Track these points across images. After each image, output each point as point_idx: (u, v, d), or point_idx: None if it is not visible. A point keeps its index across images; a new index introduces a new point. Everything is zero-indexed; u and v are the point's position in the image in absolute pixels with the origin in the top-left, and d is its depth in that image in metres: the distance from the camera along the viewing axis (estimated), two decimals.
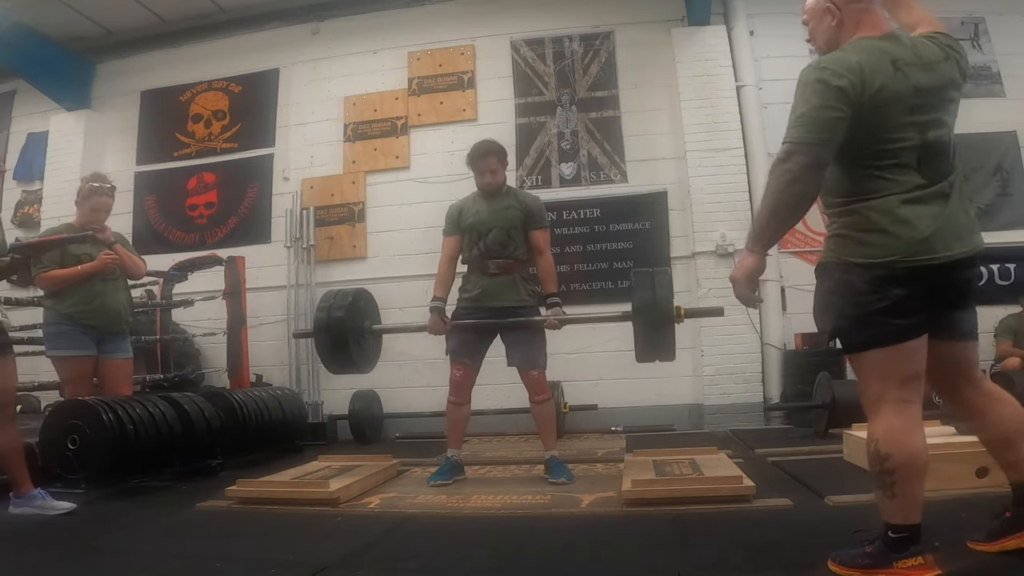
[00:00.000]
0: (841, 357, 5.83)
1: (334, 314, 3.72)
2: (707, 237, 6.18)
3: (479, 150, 3.83)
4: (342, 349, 3.74)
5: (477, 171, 3.82)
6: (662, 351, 3.55)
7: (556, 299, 3.75)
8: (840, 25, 2.13)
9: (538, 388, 3.73)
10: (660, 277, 3.56)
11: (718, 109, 6.33)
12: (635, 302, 3.54)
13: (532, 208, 3.80)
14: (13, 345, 3.37)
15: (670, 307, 3.46)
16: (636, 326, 3.53)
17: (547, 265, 3.81)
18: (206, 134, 7.41)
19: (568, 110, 6.73)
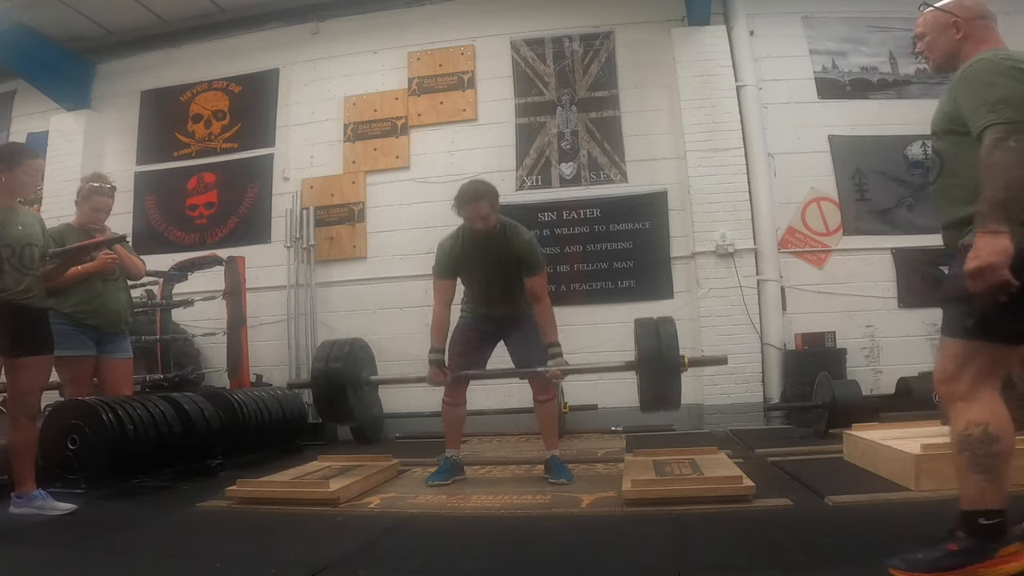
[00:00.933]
0: (841, 357, 5.87)
1: (331, 365, 3.61)
2: (707, 237, 6.18)
3: (468, 194, 3.51)
4: (340, 401, 3.65)
5: (466, 217, 3.54)
6: (667, 402, 3.47)
7: (557, 348, 3.60)
8: (964, 39, 2.19)
9: (541, 387, 3.72)
10: (664, 326, 3.48)
11: (718, 109, 6.33)
12: (640, 352, 3.45)
13: (524, 254, 3.61)
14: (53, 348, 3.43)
15: (676, 357, 3.39)
16: (641, 377, 3.46)
17: (545, 312, 3.62)
18: (206, 134, 7.41)
19: (568, 110, 6.73)
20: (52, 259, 3.46)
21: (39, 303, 3.36)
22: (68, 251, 3.60)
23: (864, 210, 6.32)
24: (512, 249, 3.61)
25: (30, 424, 3.29)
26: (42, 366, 3.37)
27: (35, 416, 3.36)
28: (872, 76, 6.55)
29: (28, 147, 3.99)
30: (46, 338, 3.38)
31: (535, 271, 3.62)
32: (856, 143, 6.38)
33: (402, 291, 6.54)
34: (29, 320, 3.28)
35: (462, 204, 3.51)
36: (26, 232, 3.34)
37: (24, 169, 3.38)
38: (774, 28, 6.60)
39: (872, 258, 6.24)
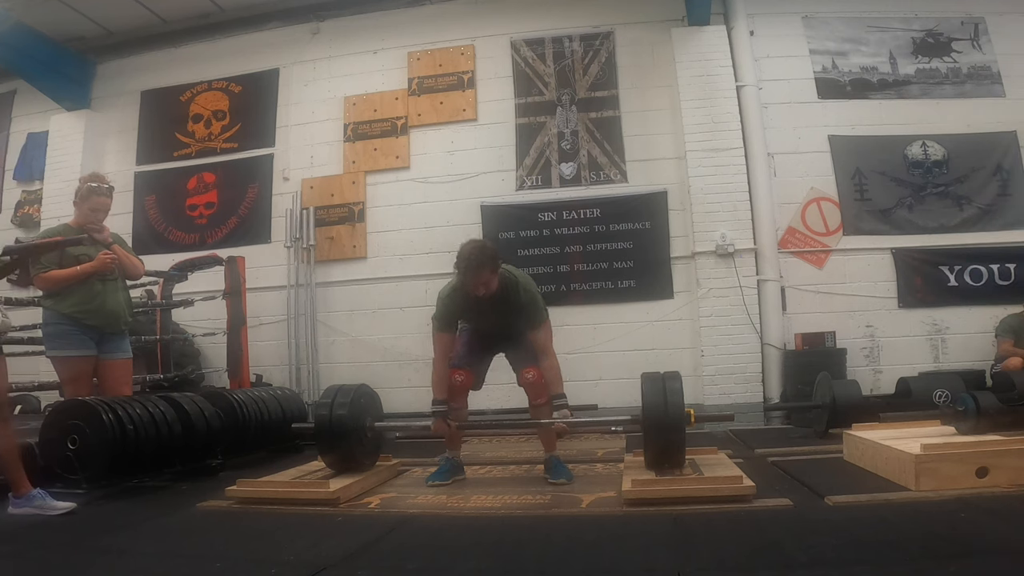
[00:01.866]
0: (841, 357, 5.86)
1: (336, 412, 3.54)
2: (707, 237, 6.18)
3: (470, 263, 3.37)
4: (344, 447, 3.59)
5: (468, 285, 3.43)
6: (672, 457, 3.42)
7: (563, 399, 3.56)
8: None
9: (536, 391, 3.70)
10: (671, 383, 3.43)
11: (718, 109, 6.33)
12: (645, 408, 3.39)
13: (526, 307, 3.55)
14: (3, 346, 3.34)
15: (681, 413, 3.35)
16: (646, 433, 3.42)
17: (551, 366, 3.57)
18: (206, 134, 7.41)
19: (568, 110, 6.73)
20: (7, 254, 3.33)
21: None
22: (22, 249, 3.53)
23: (864, 210, 6.32)
24: (512, 304, 3.56)
25: (4, 427, 3.20)
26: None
27: (8, 419, 3.27)
28: (872, 76, 6.55)
29: None
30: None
31: (537, 324, 3.59)
32: (856, 143, 6.38)
33: (402, 291, 6.54)
34: None
35: (466, 272, 3.40)
36: None
37: None
38: (774, 28, 6.61)
39: (872, 258, 6.24)
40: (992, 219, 6.22)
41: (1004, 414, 3.28)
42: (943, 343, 6.10)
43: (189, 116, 7.48)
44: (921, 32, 6.58)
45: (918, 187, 6.30)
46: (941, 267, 6.15)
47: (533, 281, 3.73)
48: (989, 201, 6.25)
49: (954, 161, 6.32)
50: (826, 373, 4.76)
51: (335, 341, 6.79)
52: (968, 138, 6.34)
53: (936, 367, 5.95)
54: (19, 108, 7.95)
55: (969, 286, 6.12)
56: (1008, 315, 5.72)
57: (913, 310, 6.15)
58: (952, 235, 6.21)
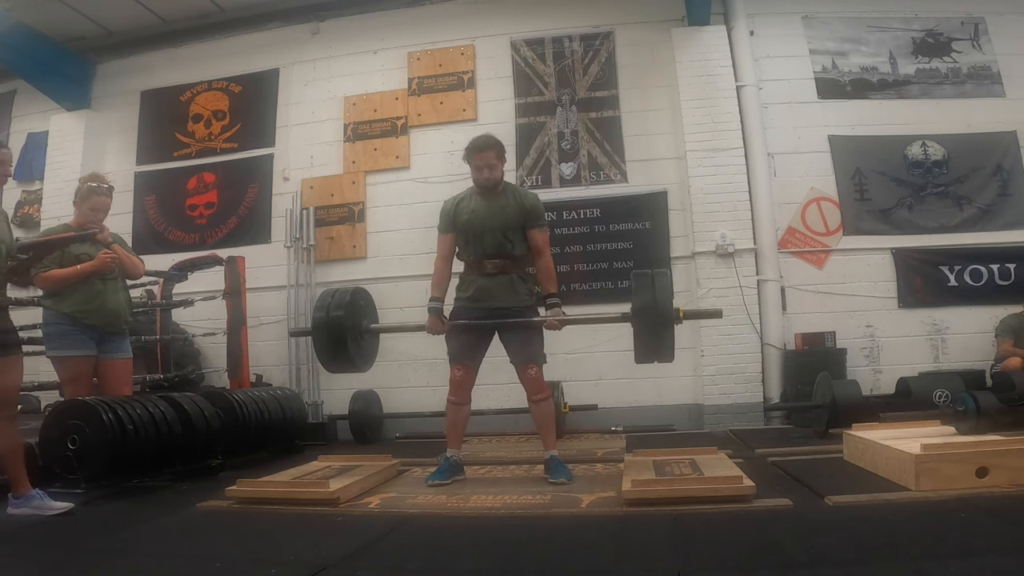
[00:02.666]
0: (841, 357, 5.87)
1: (332, 313, 3.69)
2: (707, 237, 6.18)
3: (477, 143, 3.74)
4: (340, 348, 3.72)
5: (474, 165, 3.74)
6: (661, 352, 3.55)
7: (556, 299, 3.72)
8: None
9: (536, 387, 3.71)
10: (660, 279, 3.54)
11: (718, 109, 6.33)
12: (635, 303, 3.52)
13: (530, 207, 3.74)
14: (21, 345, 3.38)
15: (670, 308, 3.45)
16: (636, 327, 3.52)
17: (546, 266, 3.76)
18: (206, 134, 7.41)
19: (568, 110, 6.73)
20: (21, 252, 3.38)
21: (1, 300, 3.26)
22: (35, 245, 3.55)
23: (864, 210, 6.32)
24: (518, 199, 3.75)
25: (10, 426, 3.24)
26: (12, 366, 3.26)
27: (13, 417, 3.30)
28: (872, 76, 6.55)
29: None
30: (13, 338, 3.28)
31: (540, 223, 3.77)
32: (856, 143, 6.38)
33: (402, 291, 6.52)
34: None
35: (473, 152, 3.71)
36: None
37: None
38: (774, 28, 6.60)
39: (872, 258, 6.24)
40: (992, 219, 6.22)
41: (1004, 414, 3.28)
42: (943, 343, 6.10)
43: (189, 116, 7.47)
44: (921, 32, 6.58)
45: (918, 187, 6.30)
46: (941, 267, 6.15)
47: None
48: (989, 201, 6.25)
49: (954, 161, 6.31)
50: (826, 373, 4.76)
51: None
52: (968, 138, 6.34)
53: (936, 367, 5.95)
54: (19, 108, 7.94)
55: (969, 286, 6.12)
56: (1008, 315, 5.72)
57: (913, 310, 6.15)
58: (952, 235, 6.21)
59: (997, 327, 5.71)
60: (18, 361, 3.31)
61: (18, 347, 3.33)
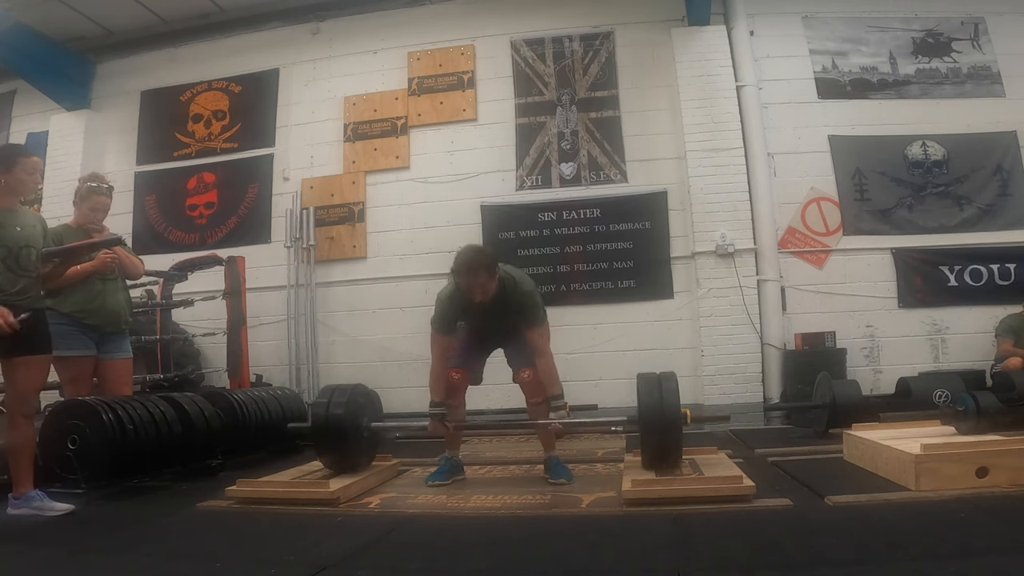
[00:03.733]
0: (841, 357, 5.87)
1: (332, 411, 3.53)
2: (707, 237, 6.18)
3: (467, 265, 3.38)
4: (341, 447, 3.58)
5: (464, 287, 3.44)
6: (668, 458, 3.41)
7: (560, 401, 3.57)
8: None
9: (533, 390, 3.69)
10: (667, 383, 3.42)
11: (718, 109, 6.33)
12: (641, 408, 3.38)
13: (524, 308, 3.55)
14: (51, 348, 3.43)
15: (677, 413, 3.34)
16: (642, 433, 3.41)
17: (546, 367, 3.56)
18: (206, 134, 7.41)
19: (568, 110, 6.73)
20: (49, 259, 3.44)
21: (36, 303, 3.33)
22: (64, 251, 3.58)
23: (864, 210, 6.32)
24: (512, 303, 3.55)
25: (28, 424, 3.28)
26: (40, 365, 3.35)
27: (33, 416, 3.35)
28: (872, 76, 6.55)
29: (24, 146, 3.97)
30: (44, 338, 3.36)
31: (536, 323, 3.57)
32: (856, 143, 6.38)
33: (402, 291, 6.53)
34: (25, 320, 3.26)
35: (461, 275, 3.41)
36: (24, 234, 3.32)
37: (22, 168, 3.37)
38: (774, 28, 6.61)
39: (872, 258, 6.24)
40: (992, 219, 6.23)
41: (1004, 414, 3.28)
42: (943, 343, 6.10)
43: (189, 116, 7.48)
44: (921, 32, 6.58)
45: (918, 187, 6.30)
46: (941, 267, 6.15)
47: (532, 281, 3.73)
48: (989, 201, 6.25)
49: (954, 161, 6.32)
50: (826, 373, 4.76)
51: (335, 341, 6.79)
52: (968, 138, 6.34)
53: (936, 367, 5.95)
54: (19, 108, 7.95)
55: (969, 286, 6.12)
56: (1008, 315, 5.72)
57: (913, 310, 6.16)
58: (952, 235, 6.21)
59: (997, 327, 5.71)
60: (43, 361, 3.38)
61: (46, 348, 3.39)
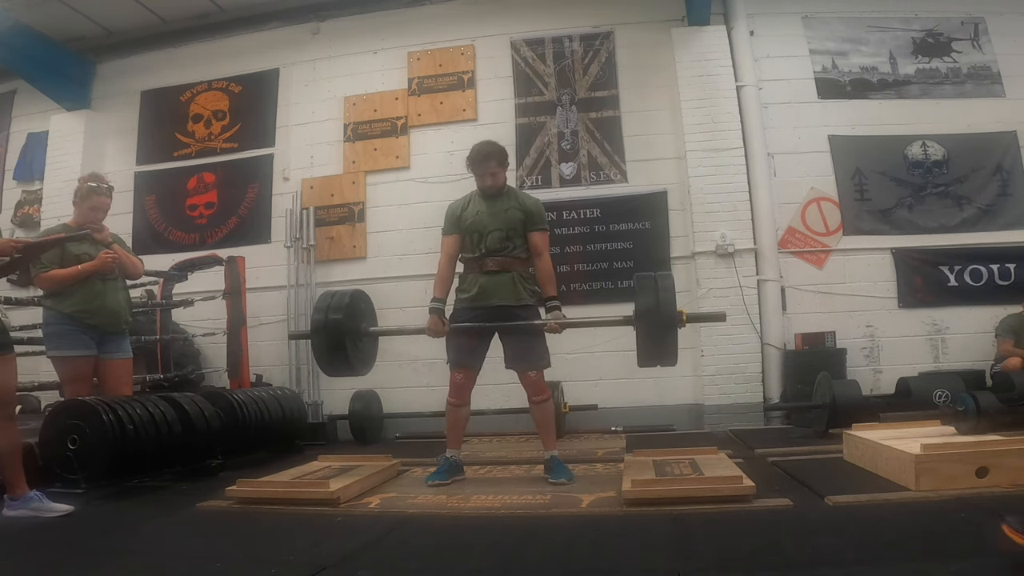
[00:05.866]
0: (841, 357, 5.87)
1: (331, 316, 3.66)
2: (707, 237, 6.18)
3: (479, 153, 3.79)
4: (339, 351, 3.70)
5: (477, 174, 3.80)
6: (665, 356, 3.51)
7: (556, 302, 3.71)
8: None
9: (536, 388, 3.71)
10: (663, 281, 3.50)
11: (718, 109, 6.33)
12: (638, 306, 3.48)
13: (532, 209, 3.78)
14: (14, 345, 3.37)
15: (673, 311, 3.40)
16: (639, 331, 3.47)
17: (546, 267, 3.76)
18: (206, 134, 7.41)
19: (568, 110, 6.73)
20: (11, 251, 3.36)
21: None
22: (29, 245, 3.53)
23: (864, 210, 6.32)
24: (520, 201, 3.80)
25: (11, 425, 3.22)
26: (5, 366, 3.22)
27: (13, 416, 3.29)
28: (872, 76, 6.55)
29: None
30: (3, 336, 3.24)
31: (540, 225, 3.79)
32: (856, 143, 6.38)
33: (402, 291, 6.53)
34: None
35: (475, 162, 3.78)
36: None
37: None
38: (774, 28, 6.61)
39: (872, 258, 6.24)
40: (992, 219, 6.23)
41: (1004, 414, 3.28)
42: (943, 343, 6.10)
43: (189, 116, 7.47)
44: (921, 32, 6.58)
45: (918, 187, 6.30)
46: (941, 267, 6.15)
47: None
48: (989, 201, 6.25)
49: (954, 161, 6.32)
50: (826, 373, 4.76)
51: None
52: (968, 138, 6.34)
53: (936, 367, 5.95)
54: (19, 108, 7.95)
55: (969, 286, 6.12)
56: (1008, 315, 5.73)
57: (913, 310, 6.16)
58: (952, 235, 6.21)
59: (997, 327, 5.71)
60: (10, 361, 3.28)
61: (10, 347, 3.29)
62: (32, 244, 3.50)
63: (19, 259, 3.40)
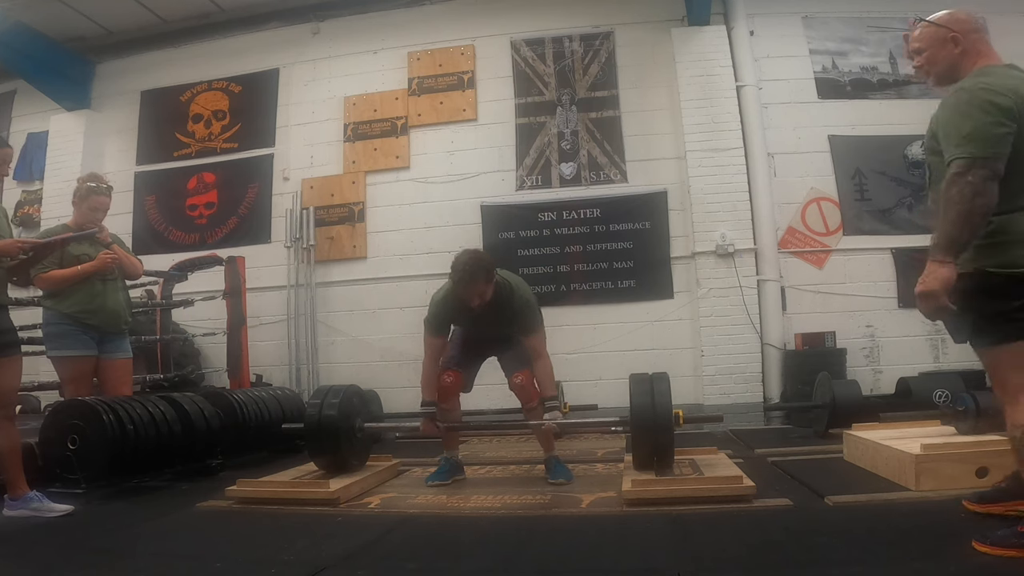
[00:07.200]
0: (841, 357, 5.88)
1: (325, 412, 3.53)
2: (707, 237, 6.18)
3: (464, 273, 3.34)
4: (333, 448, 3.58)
5: (463, 296, 3.40)
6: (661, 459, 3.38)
7: (554, 402, 3.58)
8: (963, 54, 2.24)
9: (526, 395, 3.67)
10: (659, 384, 3.39)
11: (718, 109, 6.33)
12: (633, 409, 3.36)
13: (522, 317, 3.53)
14: (21, 345, 3.37)
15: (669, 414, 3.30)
16: (633, 435, 3.39)
17: (544, 370, 3.54)
18: (206, 134, 7.41)
19: (568, 110, 6.73)
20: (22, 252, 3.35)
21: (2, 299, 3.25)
22: (38, 245, 3.54)
23: (864, 210, 6.32)
24: (508, 310, 3.53)
25: (10, 426, 3.22)
26: (11, 367, 3.24)
27: (13, 417, 3.29)
28: (872, 76, 6.55)
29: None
30: (10, 336, 3.25)
31: (532, 330, 3.55)
32: (856, 143, 6.38)
33: (402, 291, 6.53)
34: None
35: (458, 283, 3.38)
36: None
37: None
38: (774, 28, 6.61)
39: (872, 258, 6.24)
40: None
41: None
42: (943, 343, 6.10)
43: (189, 116, 7.48)
44: None
45: (918, 187, 6.29)
46: None
47: (528, 286, 3.70)
48: None
49: None
50: (826, 373, 4.76)
51: (335, 341, 6.79)
52: None
53: (936, 367, 5.95)
54: (19, 108, 7.95)
55: None
56: None
57: (913, 310, 6.01)
58: None
59: None
60: (17, 361, 3.30)
61: (17, 347, 3.32)
62: (40, 244, 3.51)
63: (27, 260, 3.42)
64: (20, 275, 3.48)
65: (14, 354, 3.27)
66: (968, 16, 2.28)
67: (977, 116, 2.02)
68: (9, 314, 3.32)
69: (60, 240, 3.76)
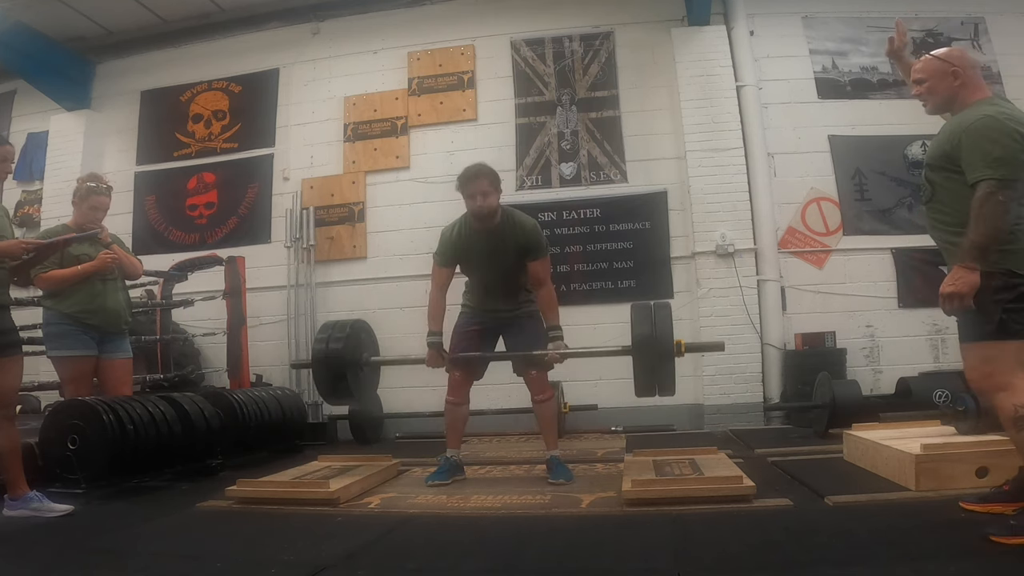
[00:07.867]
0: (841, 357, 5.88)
1: (332, 346, 3.64)
2: (707, 237, 6.18)
3: (469, 172, 3.60)
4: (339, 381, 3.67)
5: (467, 194, 3.58)
6: (662, 387, 3.46)
7: (558, 331, 3.64)
8: (963, 86, 2.52)
9: (539, 387, 3.72)
10: (660, 311, 3.46)
11: (718, 109, 6.33)
12: (635, 337, 3.43)
13: (529, 241, 3.63)
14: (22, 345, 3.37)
15: (670, 342, 3.37)
16: (636, 361, 3.44)
17: (548, 296, 3.67)
18: (206, 134, 7.41)
19: (568, 110, 6.73)
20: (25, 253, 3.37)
21: (3, 299, 3.26)
22: (41, 245, 3.54)
23: (864, 210, 6.32)
24: (515, 235, 3.62)
25: (10, 426, 3.23)
26: (11, 367, 3.25)
27: (13, 417, 3.30)
28: (872, 76, 6.55)
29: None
30: (11, 336, 3.27)
31: (538, 255, 3.66)
32: (856, 143, 6.38)
33: (402, 291, 6.53)
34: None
35: (465, 181, 3.58)
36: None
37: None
38: (774, 28, 6.60)
39: (872, 258, 6.24)
40: None
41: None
42: (943, 343, 6.10)
43: (189, 116, 7.47)
44: (921, 32, 6.58)
45: (918, 187, 6.27)
46: (941, 267, 6.07)
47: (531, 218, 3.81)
48: None
49: None
50: (826, 373, 4.76)
51: None
52: None
53: (936, 367, 5.94)
54: (19, 108, 7.94)
55: None
56: None
57: (913, 310, 6.15)
58: None
59: None
60: (18, 361, 3.31)
61: (18, 347, 3.33)
62: (43, 245, 3.52)
63: (29, 260, 3.42)
64: (21, 275, 3.48)
65: (15, 354, 3.27)
66: (966, 53, 2.62)
67: (1006, 143, 2.30)
68: (10, 314, 3.33)
69: (63, 241, 3.76)
